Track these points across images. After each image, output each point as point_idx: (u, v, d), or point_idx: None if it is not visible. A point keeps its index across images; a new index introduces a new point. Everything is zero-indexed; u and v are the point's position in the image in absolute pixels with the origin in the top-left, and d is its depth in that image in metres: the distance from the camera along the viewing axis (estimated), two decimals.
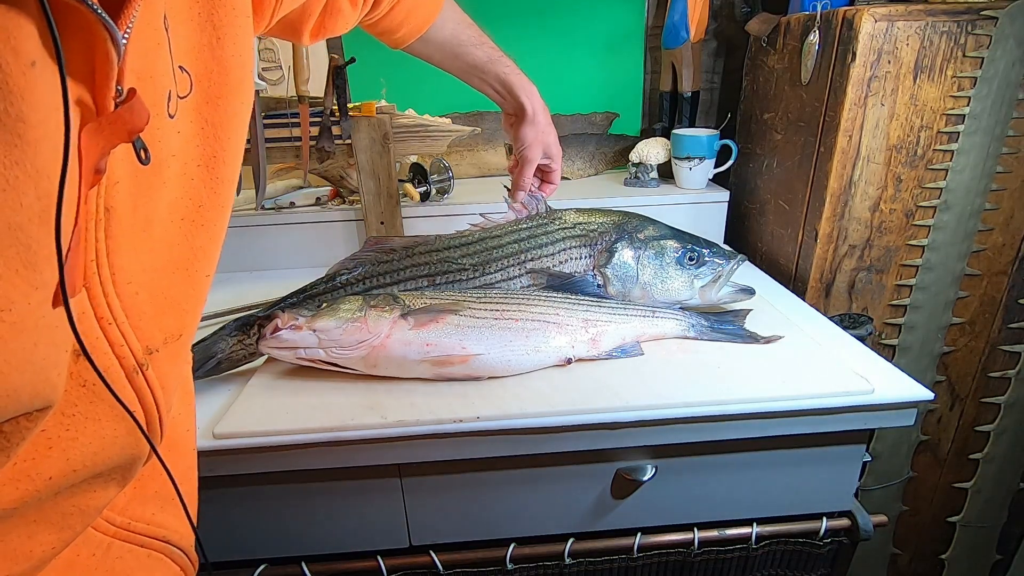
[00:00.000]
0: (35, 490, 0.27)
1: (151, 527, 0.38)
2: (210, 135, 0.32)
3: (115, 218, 0.27)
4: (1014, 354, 1.00)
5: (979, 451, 1.07)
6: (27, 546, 0.28)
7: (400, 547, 0.72)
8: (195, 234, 0.33)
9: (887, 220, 0.91)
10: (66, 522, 0.30)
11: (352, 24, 0.67)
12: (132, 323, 0.30)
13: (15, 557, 0.28)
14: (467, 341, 0.67)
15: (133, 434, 0.31)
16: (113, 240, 0.27)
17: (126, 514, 0.36)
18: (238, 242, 1.10)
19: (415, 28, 0.73)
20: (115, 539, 0.36)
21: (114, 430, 0.30)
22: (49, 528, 0.29)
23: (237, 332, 0.72)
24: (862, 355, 0.75)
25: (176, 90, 0.29)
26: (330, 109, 0.99)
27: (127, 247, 0.28)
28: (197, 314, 0.37)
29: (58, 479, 0.28)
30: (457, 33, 0.76)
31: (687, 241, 0.80)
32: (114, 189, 0.27)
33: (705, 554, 0.72)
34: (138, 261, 0.29)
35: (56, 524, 0.29)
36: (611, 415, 0.63)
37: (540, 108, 0.80)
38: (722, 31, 1.23)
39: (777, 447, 0.69)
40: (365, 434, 0.62)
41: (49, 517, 0.29)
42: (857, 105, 0.84)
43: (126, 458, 0.32)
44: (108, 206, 0.27)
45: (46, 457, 0.27)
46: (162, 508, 0.39)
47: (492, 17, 1.21)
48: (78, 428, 0.28)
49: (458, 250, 0.80)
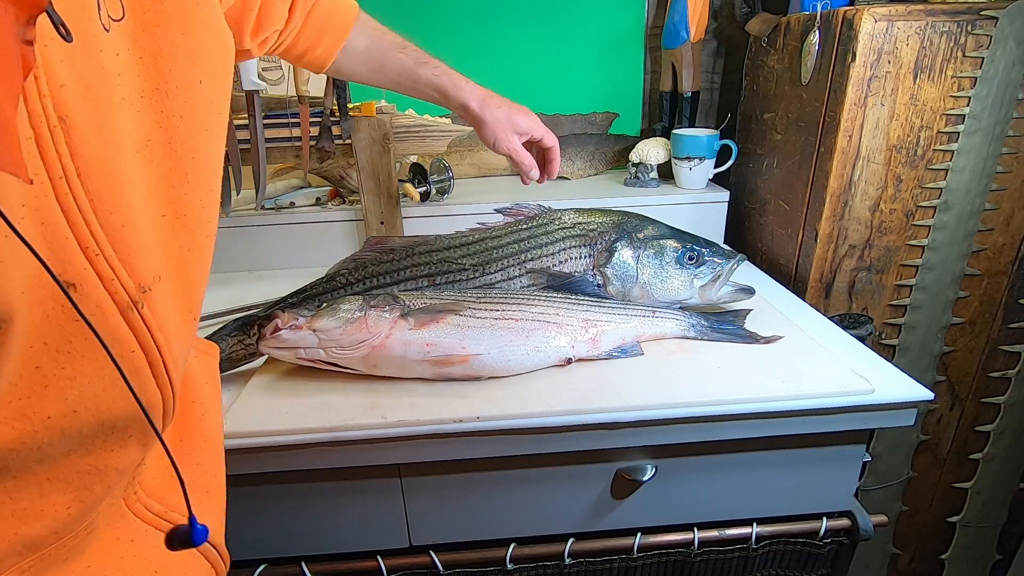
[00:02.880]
0: (34, 431, 0.27)
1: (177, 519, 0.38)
2: (150, 65, 0.31)
3: (76, 133, 0.27)
4: (1014, 354, 1.00)
5: (979, 451, 1.07)
6: (39, 505, 0.28)
7: (400, 547, 0.72)
8: (148, 170, 0.32)
9: (887, 220, 0.91)
10: (82, 481, 0.30)
11: (283, 18, 0.64)
12: (121, 257, 0.29)
13: (25, 516, 0.28)
14: (467, 341, 0.67)
15: (137, 375, 0.31)
16: (81, 160, 0.27)
17: (164, 503, 0.36)
18: (238, 242, 1.10)
19: (334, 40, 0.70)
20: (152, 527, 0.35)
21: (113, 370, 0.29)
22: (64, 487, 0.29)
23: (237, 332, 0.72)
24: (862, 355, 0.74)
25: (106, 7, 0.28)
26: (330, 109, 0.99)
27: (100, 172, 0.28)
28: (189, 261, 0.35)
29: (58, 420, 0.27)
30: (377, 40, 0.73)
31: (687, 241, 0.80)
32: (61, 93, 0.26)
33: (705, 554, 0.72)
34: (117, 190, 0.29)
35: (72, 483, 0.29)
36: (611, 415, 0.63)
37: (485, 99, 0.76)
38: (722, 31, 1.23)
39: (777, 447, 0.69)
40: (365, 434, 0.62)
41: (63, 475, 0.29)
42: (857, 105, 0.84)
43: (135, 409, 0.31)
44: (62, 115, 0.26)
45: (42, 396, 0.27)
46: (198, 500, 0.39)
47: (492, 17, 1.21)
48: (75, 367, 0.28)
49: (458, 250, 0.80)
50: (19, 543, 0.28)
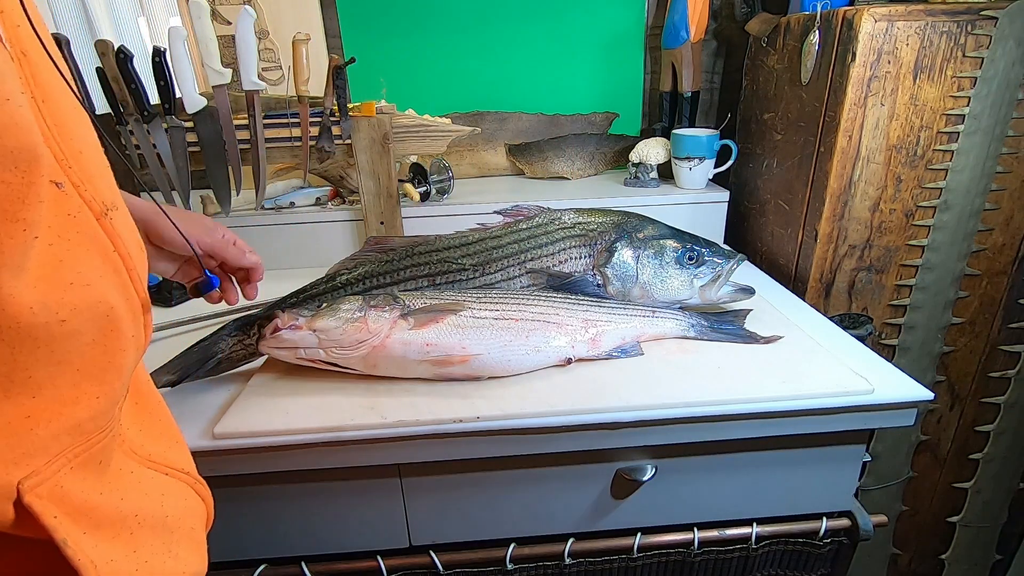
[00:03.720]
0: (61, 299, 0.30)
1: (169, 460, 0.42)
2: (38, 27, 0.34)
3: (34, 66, 0.30)
4: (1014, 354, 1.00)
5: (979, 451, 1.07)
6: (74, 393, 0.32)
7: (400, 547, 0.72)
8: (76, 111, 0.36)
9: (887, 220, 0.91)
10: (104, 376, 0.34)
11: None
12: (84, 175, 0.32)
13: (65, 400, 0.31)
14: (467, 341, 0.67)
15: (119, 275, 0.35)
16: (41, 90, 0.30)
17: (143, 451, 0.40)
18: None
19: None
20: (143, 466, 0.40)
21: (102, 264, 0.33)
22: (91, 380, 0.33)
23: (237, 332, 0.72)
24: (862, 355, 0.75)
25: None
26: (330, 109, 0.99)
27: (56, 103, 0.31)
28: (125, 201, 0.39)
29: (79, 288, 0.31)
30: None
31: (686, 240, 0.80)
32: (18, 32, 0.29)
33: (705, 554, 0.72)
34: (70, 121, 0.32)
35: (96, 377, 0.33)
36: (611, 415, 0.63)
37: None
38: (722, 31, 1.23)
39: (777, 447, 0.69)
40: (365, 434, 0.62)
41: (88, 369, 0.32)
42: (857, 105, 0.84)
43: (128, 305, 0.35)
44: (23, 50, 0.29)
45: (59, 268, 0.30)
46: (170, 447, 0.43)
47: (492, 17, 1.21)
48: (76, 253, 0.31)
49: (458, 250, 0.80)
50: (68, 423, 0.32)
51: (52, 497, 0.31)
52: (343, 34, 1.20)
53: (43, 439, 0.31)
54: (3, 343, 0.28)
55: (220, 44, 0.95)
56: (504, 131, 1.29)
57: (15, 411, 0.30)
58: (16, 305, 0.28)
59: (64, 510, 0.32)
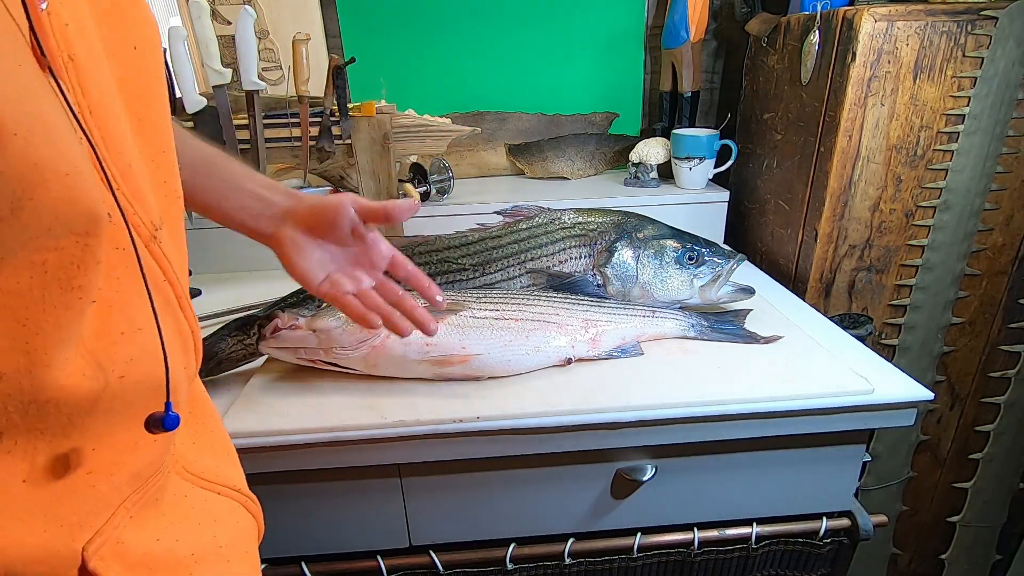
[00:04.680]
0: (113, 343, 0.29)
1: (220, 477, 0.41)
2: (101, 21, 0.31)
3: (82, 72, 0.27)
4: (1014, 354, 1.00)
5: (979, 451, 1.07)
6: (132, 438, 0.31)
7: (400, 547, 0.71)
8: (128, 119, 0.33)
9: (887, 220, 0.91)
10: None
11: None
12: (133, 194, 0.30)
13: (125, 448, 0.31)
14: (467, 341, 0.67)
15: (170, 306, 0.33)
16: (90, 99, 0.28)
17: (195, 468, 0.39)
18: (238, 242, 1.10)
19: None
20: (195, 486, 0.39)
21: (155, 296, 0.31)
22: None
23: (237, 332, 0.72)
24: (862, 355, 0.74)
25: None
26: (330, 109, 0.99)
27: (105, 112, 0.29)
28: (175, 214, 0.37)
29: (131, 335, 0.30)
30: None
31: (686, 240, 0.80)
32: (66, 32, 0.27)
33: (705, 554, 0.72)
34: (119, 132, 0.30)
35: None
36: (611, 415, 0.63)
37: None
38: (722, 31, 1.23)
39: (777, 447, 0.69)
40: (365, 434, 0.62)
41: (150, 409, 0.31)
42: (857, 105, 0.84)
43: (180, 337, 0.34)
44: (70, 54, 0.27)
45: (109, 315, 0.29)
46: (221, 461, 0.43)
47: (492, 17, 1.21)
48: (127, 291, 0.29)
49: (458, 250, 0.80)
50: (127, 472, 0.31)
51: (114, 555, 0.30)
52: (343, 34, 1.20)
53: (104, 494, 0.30)
54: (59, 414, 0.27)
55: (220, 44, 0.95)
56: (504, 131, 1.29)
57: (77, 468, 0.28)
58: (69, 377, 0.26)
59: (126, 567, 0.31)
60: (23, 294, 0.24)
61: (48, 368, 0.25)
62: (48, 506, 0.28)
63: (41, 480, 0.27)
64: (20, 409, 0.26)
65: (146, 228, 0.31)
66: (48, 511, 0.28)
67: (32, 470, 0.27)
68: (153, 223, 0.32)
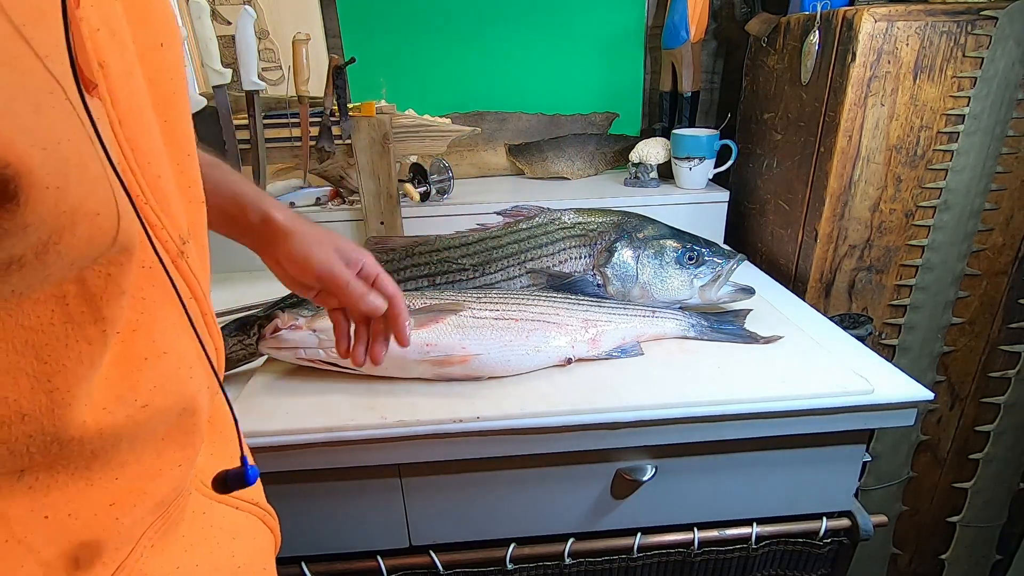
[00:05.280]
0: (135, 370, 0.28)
1: (238, 492, 0.39)
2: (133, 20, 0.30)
3: (113, 79, 0.26)
4: (1014, 354, 1.00)
5: (979, 451, 1.07)
6: (157, 464, 0.30)
7: (400, 547, 0.71)
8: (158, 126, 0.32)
9: (887, 220, 0.91)
10: (188, 440, 0.32)
11: None
12: (162, 207, 0.29)
13: (149, 475, 0.30)
14: (467, 341, 0.67)
15: (198, 322, 0.32)
16: (120, 107, 0.26)
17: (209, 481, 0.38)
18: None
19: None
20: (212, 501, 0.37)
21: (179, 319, 0.30)
22: (173, 446, 0.31)
23: (237, 332, 0.72)
24: (862, 355, 0.74)
25: None
26: (330, 109, 0.99)
27: (135, 122, 0.28)
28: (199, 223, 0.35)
29: (154, 361, 0.28)
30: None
31: (686, 240, 0.80)
32: (97, 37, 0.25)
33: (705, 554, 0.72)
34: (149, 141, 0.29)
35: (179, 442, 0.31)
36: (611, 415, 0.63)
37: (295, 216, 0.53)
38: (722, 31, 1.23)
39: (777, 447, 0.69)
40: (365, 434, 0.62)
41: (173, 435, 0.31)
42: (857, 105, 0.84)
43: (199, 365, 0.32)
44: (101, 60, 0.25)
45: (131, 340, 0.27)
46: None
47: (493, 17, 1.21)
48: (151, 312, 0.28)
49: (458, 250, 0.80)
50: (151, 502, 0.30)
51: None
52: (343, 34, 1.20)
53: (128, 527, 0.29)
54: (82, 451, 0.26)
55: (220, 44, 0.95)
56: (504, 131, 1.29)
57: (100, 499, 0.27)
58: (91, 414, 0.25)
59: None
60: (44, 330, 0.23)
61: (70, 407, 0.24)
62: (70, 543, 0.26)
63: (62, 515, 0.26)
64: (42, 449, 0.25)
65: (174, 243, 0.30)
66: (70, 550, 0.26)
67: (53, 506, 0.26)
68: (181, 236, 0.31)
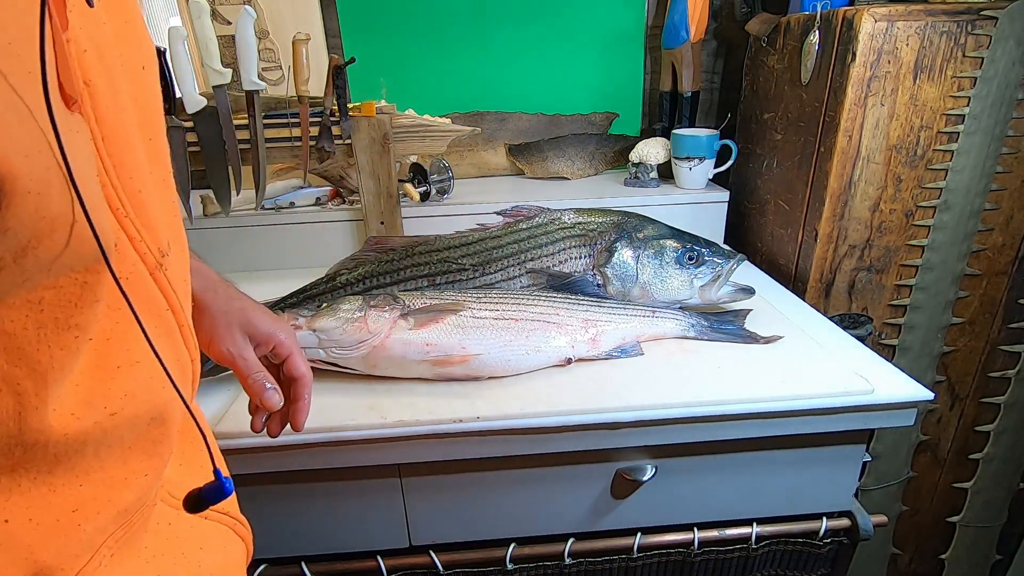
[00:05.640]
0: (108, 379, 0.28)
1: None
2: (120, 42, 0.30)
3: (98, 98, 0.27)
4: (1014, 354, 0.99)
5: (979, 451, 1.07)
6: (123, 472, 0.30)
7: (400, 547, 0.72)
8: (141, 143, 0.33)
9: (887, 220, 0.91)
10: (155, 449, 0.32)
11: None
12: (141, 220, 0.30)
13: (114, 483, 0.30)
14: (467, 341, 0.67)
15: (171, 336, 0.32)
16: (104, 125, 0.27)
17: (180, 491, 0.38)
18: (238, 242, 1.10)
19: None
20: (179, 512, 0.37)
21: (155, 328, 0.31)
22: (141, 454, 0.31)
23: None
24: (862, 355, 0.74)
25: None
26: (330, 109, 0.99)
27: (119, 139, 0.28)
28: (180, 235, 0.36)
29: (127, 370, 0.29)
30: None
31: (686, 240, 0.80)
32: (84, 58, 0.26)
33: (705, 554, 0.72)
34: (132, 157, 0.29)
35: (147, 451, 0.31)
36: (611, 415, 0.63)
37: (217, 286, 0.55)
38: (722, 31, 1.23)
39: (777, 447, 0.69)
40: (365, 434, 0.62)
41: (140, 444, 0.30)
42: (857, 105, 0.84)
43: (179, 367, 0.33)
44: (87, 79, 0.26)
45: (105, 349, 0.28)
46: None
47: (493, 18, 1.21)
48: (127, 322, 0.28)
49: (458, 250, 0.80)
50: (114, 510, 0.30)
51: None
52: (343, 34, 1.20)
53: (89, 534, 0.29)
54: (46, 455, 0.26)
55: (220, 44, 0.95)
56: (504, 131, 1.29)
57: (63, 505, 0.27)
58: (59, 419, 0.25)
59: None
60: (17, 334, 0.23)
61: (37, 411, 0.24)
62: (31, 549, 0.26)
63: (23, 520, 0.26)
64: (5, 451, 0.25)
65: (152, 255, 0.30)
66: (29, 555, 0.26)
67: (14, 510, 0.26)
68: (160, 249, 0.31)
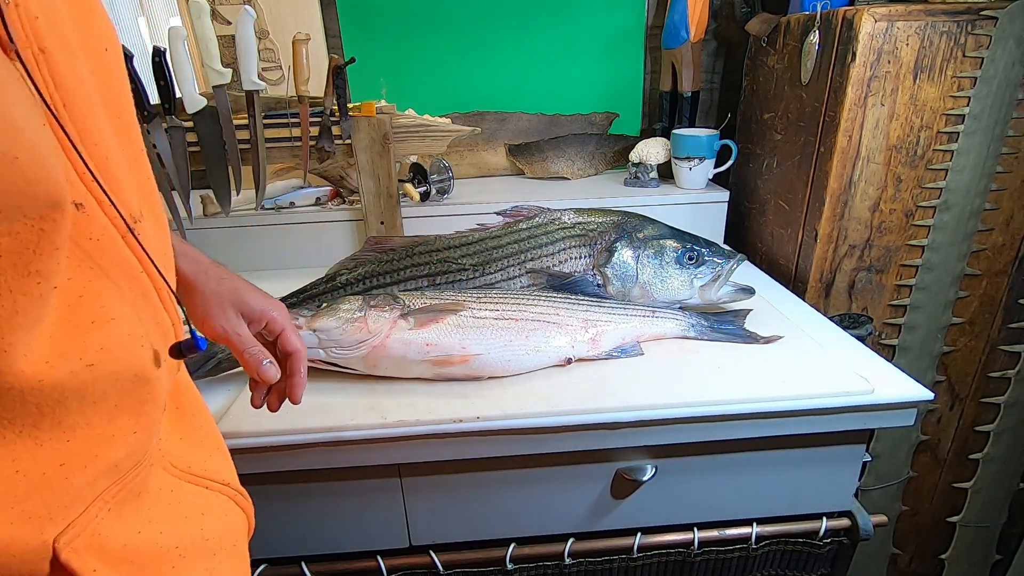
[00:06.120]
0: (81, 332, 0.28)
1: (209, 472, 0.41)
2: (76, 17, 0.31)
3: (54, 65, 0.27)
4: (1014, 354, 1.00)
5: (979, 451, 1.07)
6: (110, 429, 0.31)
7: (400, 547, 0.72)
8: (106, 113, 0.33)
9: (887, 220, 0.91)
10: (142, 408, 0.32)
11: None
12: (110, 187, 0.30)
13: (101, 440, 0.30)
14: (467, 341, 0.67)
15: (147, 299, 0.33)
16: (63, 92, 0.28)
17: (182, 463, 0.39)
18: (238, 242, 1.10)
19: None
20: (182, 481, 0.38)
21: (130, 290, 0.32)
22: (127, 413, 0.31)
23: None
24: (862, 355, 0.74)
25: None
26: (330, 109, 0.99)
27: (81, 105, 0.29)
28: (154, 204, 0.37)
29: (102, 325, 0.29)
30: None
31: (686, 240, 0.80)
32: (36, 24, 0.27)
33: (705, 554, 0.72)
34: (96, 124, 0.30)
35: (133, 410, 0.32)
36: (611, 415, 0.63)
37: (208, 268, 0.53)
38: (722, 31, 1.23)
39: (777, 447, 0.69)
40: (365, 434, 0.62)
41: (126, 402, 0.31)
42: (857, 105, 0.84)
43: (160, 329, 0.34)
44: (41, 46, 0.27)
45: (78, 305, 0.28)
46: (211, 455, 0.42)
47: (493, 17, 1.21)
48: (99, 281, 0.30)
49: (458, 250, 0.80)
50: (104, 465, 0.30)
51: (90, 549, 0.30)
52: (343, 34, 1.20)
53: (79, 487, 0.29)
54: (26, 403, 0.27)
55: (220, 44, 0.95)
56: (504, 131, 1.29)
57: (50, 459, 0.28)
58: (31, 364, 0.26)
59: (103, 560, 0.30)
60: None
61: (6, 354, 0.25)
62: (17, 498, 0.27)
63: (9, 471, 0.27)
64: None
65: (122, 220, 0.31)
66: (16, 504, 0.27)
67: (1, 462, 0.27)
68: (132, 216, 0.32)
